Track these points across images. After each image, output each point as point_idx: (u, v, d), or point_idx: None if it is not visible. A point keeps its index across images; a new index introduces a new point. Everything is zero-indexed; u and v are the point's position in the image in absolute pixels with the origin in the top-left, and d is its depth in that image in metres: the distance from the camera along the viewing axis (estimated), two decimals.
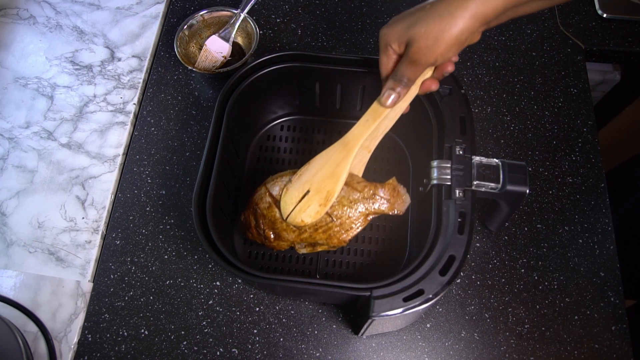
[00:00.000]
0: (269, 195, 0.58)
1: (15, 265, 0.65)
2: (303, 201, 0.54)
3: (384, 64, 0.49)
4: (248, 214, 0.60)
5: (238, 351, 0.60)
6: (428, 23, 0.42)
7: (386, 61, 0.48)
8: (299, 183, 0.55)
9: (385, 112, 0.52)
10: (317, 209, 0.54)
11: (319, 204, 0.54)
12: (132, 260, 0.65)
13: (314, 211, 0.54)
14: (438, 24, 0.41)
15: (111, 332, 0.61)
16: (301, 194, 0.55)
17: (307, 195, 0.54)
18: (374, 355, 0.60)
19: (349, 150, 0.54)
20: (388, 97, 0.50)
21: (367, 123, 0.53)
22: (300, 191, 0.55)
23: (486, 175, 0.52)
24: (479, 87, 0.76)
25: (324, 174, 0.54)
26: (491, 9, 0.40)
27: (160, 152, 0.73)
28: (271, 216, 0.57)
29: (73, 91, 0.77)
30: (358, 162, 0.59)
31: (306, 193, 0.54)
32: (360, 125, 0.54)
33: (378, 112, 0.52)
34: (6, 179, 0.71)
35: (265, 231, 0.58)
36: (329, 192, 0.54)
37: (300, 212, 0.55)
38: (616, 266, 0.64)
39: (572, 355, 0.60)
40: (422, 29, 0.42)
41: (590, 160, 0.70)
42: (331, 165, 0.54)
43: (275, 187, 0.57)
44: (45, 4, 0.85)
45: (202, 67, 0.76)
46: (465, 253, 0.49)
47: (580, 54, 0.78)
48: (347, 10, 0.84)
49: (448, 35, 0.41)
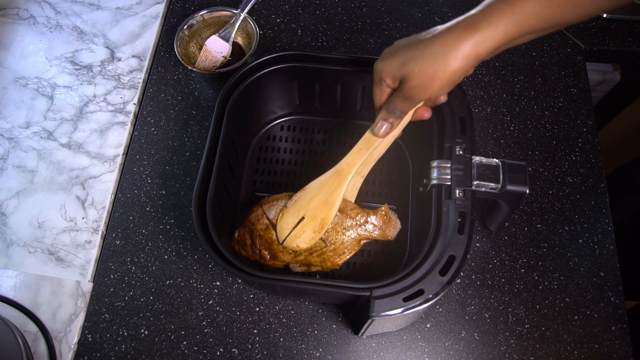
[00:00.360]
0: (266, 218, 0.59)
1: (15, 265, 0.65)
2: (298, 227, 0.56)
3: (378, 96, 0.49)
4: (243, 232, 0.61)
5: (238, 351, 0.60)
6: (422, 63, 0.42)
7: (380, 94, 0.49)
8: (294, 209, 0.57)
9: (378, 141, 0.53)
10: (312, 235, 0.56)
11: (313, 231, 0.56)
12: (132, 260, 0.65)
13: (309, 237, 0.56)
14: (432, 65, 0.42)
15: (111, 332, 0.61)
16: (296, 219, 0.56)
17: (302, 222, 0.56)
18: (374, 355, 0.60)
19: (342, 179, 0.55)
20: (381, 127, 0.51)
21: (360, 152, 0.54)
22: (295, 217, 0.57)
23: (486, 175, 0.52)
24: (479, 87, 0.76)
25: (318, 201, 0.56)
26: (484, 50, 0.41)
27: (160, 152, 0.73)
28: (268, 237, 0.59)
29: (73, 91, 0.77)
30: (351, 187, 0.60)
31: (301, 219, 0.56)
32: (353, 154, 0.55)
33: (371, 142, 0.53)
34: (6, 179, 0.71)
35: (262, 251, 0.59)
36: (323, 219, 0.56)
37: (295, 237, 0.56)
38: (616, 266, 0.64)
39: (572, 355, 0.60)
40: (416, 69, 0.43)
41: (590, 160, 0.70)
42: (325, 193, 0.56)
43: (271, 210, 0.59)
44: (45, 4, 0.85)
45: (202, 67, 0.76)
46: (465, 253, 0.49)
47: (580, 54, 0.78)
48: (347, 10, 0.84)
49: (442, 75, 0.42)
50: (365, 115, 0.71)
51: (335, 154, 0.71)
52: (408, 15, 0.83)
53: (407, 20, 0.83)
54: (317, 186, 0.57)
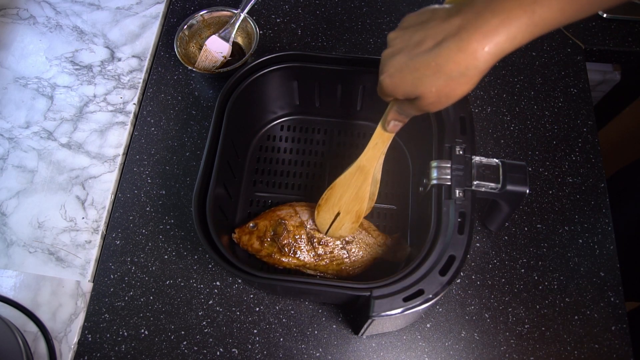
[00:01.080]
0: (299, 217, 0.63)
1: (15, 265, 0.65)
2: (336, 221, 0.60)
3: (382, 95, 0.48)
4: (265, 224, 0.62)
5: (238, 351, 0.60)
6: (438, 84, 0.40)
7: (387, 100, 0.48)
8: (327, 206, 0.61)
9: (391, 135, 0.55)
10: (351, 226, 0.61)
11: (351, 222, 0.60)
12: (132, 260, 0.65)
13: (349, 228, 0.61)
14: (449, 84, 0.40)
15: (111, 332, 0.61)
16: (332, 215, 0.60)
17: (338, 217, 0.60)
18: (374, 355, 0.60)
19: (366, 174, 0.58)
20: (395, 126, 0.52)
21: (377, 146, 0.56)
22: (330, 213, 0.60)
23: (486, 175, 0.52)
24: (479, 87, 0.76)
25: (348, 197, 0.59)
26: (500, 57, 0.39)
27: (160, 152, 0.73)
28: (298, 233, 0.62)
29: (73, 91, 0.77)
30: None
31: (337, 215, 0.60)
32: (370, 149, 0.57)
33: (384, 136, 0.55)
34: (6, 179, 0.71)
35: (284, 245, 0.61)
36: (357, 212, 0.60)
37: (336, 229, 0.61)
38: (616, 266, 0.64)
39: (572, 355, 0.60)
40: (432, 89, 0.41)
41: (590, 160, 0.70)
42: (353, 189, 0.59)
43: (305, 213, 0.63)
44: (45, 4, 0.85)
45: (202, 67, 0.76)
46: (465, 253, 0.49)
47: (580, 54, 0.78)
48: (347, 10, 0.84)
49: (460, 92, 0.40)
50: (365, 115, 0.71)
51: (335, 154, 0.71)
52: None
53: None
54: (344, 183, 0.59)
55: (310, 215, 0.63)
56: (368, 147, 0.57)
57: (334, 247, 0.61)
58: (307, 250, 0.61)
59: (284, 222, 0.62)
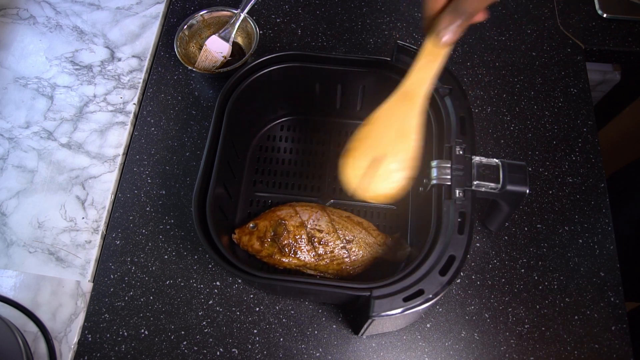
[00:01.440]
0: (299, 217, 0.62)
1: (15, 265, 0.65)
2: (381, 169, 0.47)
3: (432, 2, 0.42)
4: (265, 225, 0.62)
5: (238, 351, 0.60)
6: None
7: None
8: (364, 148, 0.47)
9: (443, 52, 0.44)
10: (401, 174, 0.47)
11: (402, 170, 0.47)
12: (132, 260, 0.65)
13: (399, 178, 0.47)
14: None
15: (111, 332, 0.61)
16: (366, 162, 0.47)
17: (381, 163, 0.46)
18: (374, 355, 0.60)
19: (413, 102, 0.45)
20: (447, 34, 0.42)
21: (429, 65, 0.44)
22: (363, 160, 0.47)
23: (486, 175, 0.52)
24: (479, 87, 0.76)
25: (394, 133, 0.46)
26: None
27: (160, 152, 0.73)
28: (298, 233, 0.61)
29: (73, 91, 0.77)
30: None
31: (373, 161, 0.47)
32: (417, 71, 0.45)
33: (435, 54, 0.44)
34: (6, 179, 0.71)
35: (285, 245, 0.61)
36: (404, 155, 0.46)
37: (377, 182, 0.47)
38: (616, 266, 0.64)
39: (572, 355, 0.60)
40: None
41: (590, 160, 0.70)
42: (397, 123, 0.46)
43: (305, 213, 0.61)
44: (45, 4, 0.85)
45: (202, 67, 0.76)
46: (465, 253, 0.49)
47: (580, 54, 0.78)
48: (347, 10, 0.84)
49: None
50: (365, 115, 0.71)
51: (336, 154, 0.71)
52: (408, 15, 0.83)
53: (407, 20, 0.83)
54: (385, 116, 0.46)
55: (311, 215, 0.62)
56: (412, 70, 0.45)
57: (335, 246, 0.61)
58: (308, 250, 0.61)
59: (284, 222, 0.62)
